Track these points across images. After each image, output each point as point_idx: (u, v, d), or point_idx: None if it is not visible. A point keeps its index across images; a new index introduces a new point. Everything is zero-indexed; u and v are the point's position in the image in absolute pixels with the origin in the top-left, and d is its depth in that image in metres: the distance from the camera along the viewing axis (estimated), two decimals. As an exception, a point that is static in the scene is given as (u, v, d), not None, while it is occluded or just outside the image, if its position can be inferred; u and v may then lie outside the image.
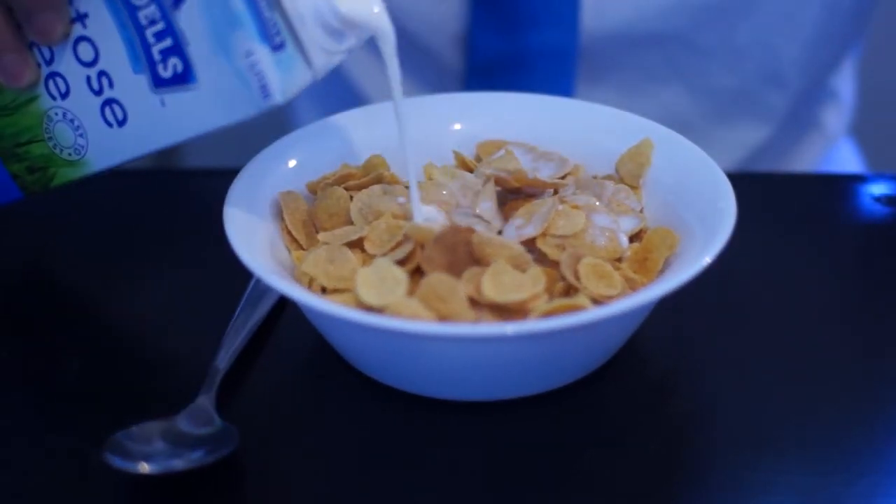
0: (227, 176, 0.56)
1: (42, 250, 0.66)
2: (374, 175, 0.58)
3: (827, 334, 0.59)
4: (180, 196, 0.71)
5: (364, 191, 0.58)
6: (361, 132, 0.61)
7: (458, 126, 0.63)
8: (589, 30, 0.78)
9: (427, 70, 0.83)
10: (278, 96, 0.51)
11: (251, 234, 0.54)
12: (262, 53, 0.50)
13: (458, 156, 0.61)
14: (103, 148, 0.56)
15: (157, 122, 0.53)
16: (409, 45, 0.81)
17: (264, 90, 0.51)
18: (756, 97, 0.84)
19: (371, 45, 0.54)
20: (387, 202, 0.57)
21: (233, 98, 0.51)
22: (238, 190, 0.56)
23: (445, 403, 0.53)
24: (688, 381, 0.56)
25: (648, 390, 0.55)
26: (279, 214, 0.57)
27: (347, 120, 0.62)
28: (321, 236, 0.56)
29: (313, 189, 0.59)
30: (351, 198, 0.58)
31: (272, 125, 0.59)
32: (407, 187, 0.58)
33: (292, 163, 0.59)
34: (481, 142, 0.62)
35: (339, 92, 0.85)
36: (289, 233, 0.57)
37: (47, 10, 0.53)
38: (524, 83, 0.79)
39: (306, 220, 0.58)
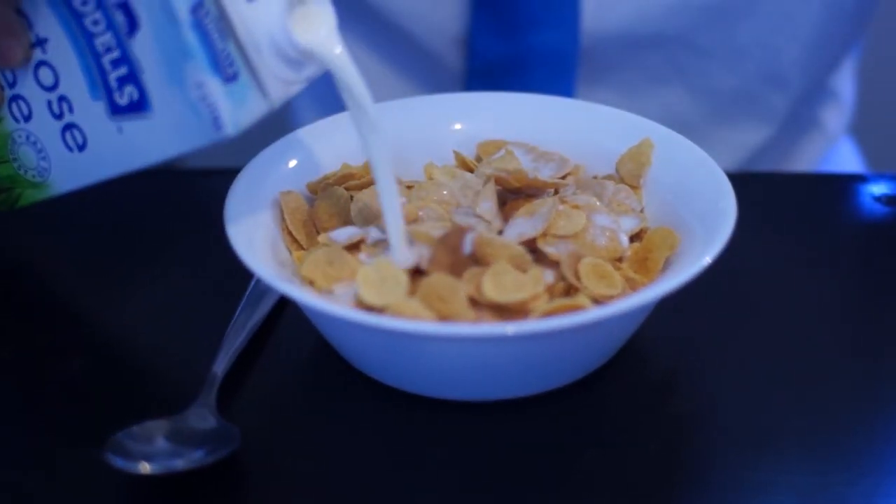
0: (227, 176, 0.56)
1: (42, 250, 0.66)
2: (374, 175, 0.58)
3: (827, 334, 0.59)
4: (181, 196, 0.71)
5: (364, 191, 0.58)
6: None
7: (458, 126, 0.63)
8: (589, 31, 0.78)
9: (427, 72, 0.83)
10: (230, 128, 0.50)
11: (252, 234, 0.54)
12: (214, 85, 0.49)
13: (458, 156, 0.61)
14: (65, 171, 0.56)
15: (115, 149, 0.53)
16: (410, 47, 0.81)
17: (216, 122, 0.50)
18: (756, 97, 0.84)
19: (370, 42, 0.53)
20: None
21: (186, 128, 0.50)
22: (239, 190, 0.56)
23: (446, 403, 0.53)
24: (688, 381, 0.56)
25: (649, 390, 0.55)
26: (280, 214, 0.57)
27: (348, 120, 0.61)
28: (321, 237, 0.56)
29: (314, 189, 0.59)
30: (351, 198, 0.58)
31: (272, 125, 0.59)
32: (409, 186, 0.59)
33: (293, 163, 0.59)
34: (482, 142, 0.62)
35: (338, 92, 0.85)
36: (289, 233, 0.57)
37: (6, 35, 0.53)
38: (525, 84, 0.79)
39: (307, 220, 0.57)
